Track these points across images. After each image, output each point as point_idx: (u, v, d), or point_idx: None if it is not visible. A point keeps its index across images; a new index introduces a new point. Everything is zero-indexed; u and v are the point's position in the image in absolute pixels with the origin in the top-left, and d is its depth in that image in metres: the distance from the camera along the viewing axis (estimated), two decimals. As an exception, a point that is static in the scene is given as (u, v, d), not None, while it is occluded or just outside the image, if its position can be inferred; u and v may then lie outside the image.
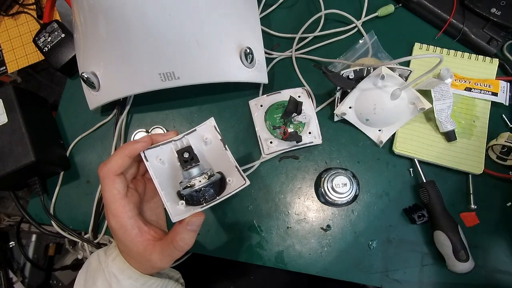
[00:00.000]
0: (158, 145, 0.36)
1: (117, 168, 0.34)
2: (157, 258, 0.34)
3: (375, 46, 0.55)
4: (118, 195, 0.34)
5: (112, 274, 0.35)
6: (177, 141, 0.37)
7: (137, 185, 0.38)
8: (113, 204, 0.33)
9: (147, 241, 0.34)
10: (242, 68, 0.49)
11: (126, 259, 0.36)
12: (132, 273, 0.35)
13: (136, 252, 0.34)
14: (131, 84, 0.48)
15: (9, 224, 0.84)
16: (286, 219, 0.50)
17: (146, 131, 0.52)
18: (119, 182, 0.34)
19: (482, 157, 0.48)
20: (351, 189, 0.47)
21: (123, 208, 0.34)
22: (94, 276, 0.36)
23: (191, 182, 0.35)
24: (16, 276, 0.87)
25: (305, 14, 0.57)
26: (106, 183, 0.34)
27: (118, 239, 0.35)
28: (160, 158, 0.37)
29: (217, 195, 0.36)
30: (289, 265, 0.48)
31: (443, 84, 0.48)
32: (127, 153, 0.34)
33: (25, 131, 0.48)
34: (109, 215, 0.34)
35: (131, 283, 0.35)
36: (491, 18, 0.51)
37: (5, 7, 0.66)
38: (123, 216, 0.33)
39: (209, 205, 0.34)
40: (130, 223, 0.34)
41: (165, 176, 0.37)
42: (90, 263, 0.38)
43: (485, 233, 0.47)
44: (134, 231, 0.34)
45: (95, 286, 0.35)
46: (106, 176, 0.34)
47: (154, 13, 0.43)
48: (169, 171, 0.38)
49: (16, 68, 0.64)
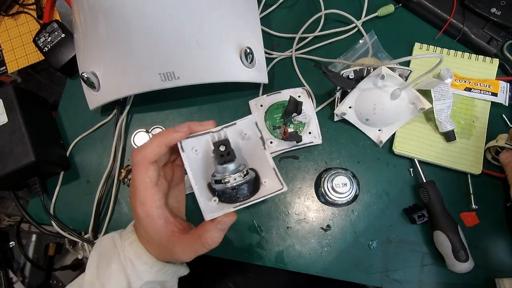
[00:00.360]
0: (195, 135, 0.35)
1: (152, 156, 0.33)
2: (181, 251, 0.34)
3: (375, 46, 0.55)
4: (149, 183, 0.33)
5: (128, 259, 0.35)
6: (214, 133, 0.36)
7: (166, 172, 0.37)
8: (143, 192, 0.33)
9: (171, 232, 0.34)
10: (242, 68, 0.49)
11: (144, 245, 0.36)
12: (148, 259, 0.35)
13: (159, 242, 0.34)
14: (131, 84, 0.48)
15: (9, 224, 0.84)
16: (286, 219, 0.50)
17: (146, 131, 0.52)
18: (153, 170, 0.33)
19: (481, 157, 0.48)
20: (351, 189, 0.47)
21: (152, 197, 0.33)
22: (108, 259, 0.36)
23: (226, 178, 0.33)
24: (16, 276, 0.87)
25: (305, 14, 0.57)
26: (140, 170, 0.33)
27: (141, 226, 0.34)
28: (196, 149, 0.35)
29: (250, 194, 0.34)
30: (289, 265, 0.48)
31: (443, 84, 0.48)
32: (165, 142, 0.33)
33: (25, 131, 0.48)
34: (137, 202, 0.33)
35: (146, 269, 0.35)
36: (491, 18, 0.51)
37: (5, 7, 0.66)
38: (151, 205, 0.33)
39: (242, 205, 0.33)
40: (157, 213, 0.33)
41: (197, 167, 0.35)
42: (103, 245, 0.38)
43: (485, 233, 0.47)
44: (160, 221, 0.33)
45: (109, 269, 0.35)
46: (140, 162, 0.33)
47: (154, 13, 0.43)
48: (202, 162, 0.36)
49: (16, 68, 0.64)
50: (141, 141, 0.52)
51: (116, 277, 0.34)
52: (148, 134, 0.52)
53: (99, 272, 0.35)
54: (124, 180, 0.51)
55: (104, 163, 0.54)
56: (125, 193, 0.53)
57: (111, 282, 0.34)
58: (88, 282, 0.35)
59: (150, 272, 0.35)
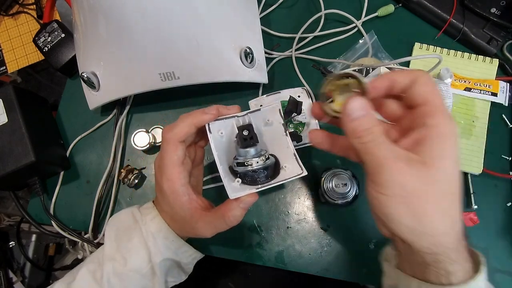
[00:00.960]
0: (222, 118, 0.36)
1: (182, 135, 0.34)
2: (203, 226, 0.35)
3: (375, 46, 0.55)
4: (177, 161, 0.34)
5: (149, 233, 0.36)
6: (239, 118, 0.37)
7: (190, 152, 0.39)
8: (170, 169, 0.34)
9: (194, 209, 0.35)
10: (242, 68, 0.49)
11: (166, 220, 0.37)
12: (169, 234, 0.37)
13: (183, 217, 0.35)
14: (131, 84, 0.48)
15: (9, 224, 0.84)
16: (286, 219, 0.50)
17: (146, 131, 0.52)
18: (181, 149, 0.35)
19: (481, 157, 0.48)
20: (351, 189, 0.47)
21: (179, 174, 0.34)
22: (129, 234, 0.37)
23: (249, 161, 0.35)
24: (16, 276, 0.87)
25: (305, 14, 0.57)
26: (169, 148, 0.34)
27: (166, 202, 0.35)
28: (222, 132, 0.37)
29: (270, 178, 0.36)
30: (289, 265, 0.48)
31: (443, 84, 0.48)
32: (195, 122, 0.34)
33: (25, 131, 0.48)
34: (163, 179, 0.34)
35: (167, 244, 0.36)
36: (491, 18, 0.51)
37: (5, 7, 0.66)
38: (177, 182, 0.34)
39: (264, 187, 0.34)
40: (182, 190, 0.34)
41: (221, 149, 0.37)
42: (121, 220, 0.39)
43: (485, 233, 0.47)
44: (184, 197, 0.34)
45: (131, 243, 0.36)
46: (171, 140, 0.34)
47: (154, 13, 0.43)
48: (225, 145, 0.38)
49: (16, 68, 0.64)
50: (141, 141, 0.52)
51: (138, 250, 0.36)
52: (148, 134, 0.52)
53: (120, 246, 0.37)
54: (124, 180, 0.51)
55: (104, 163, 0.54)
56: (125, 193, 0.53)
57: (132, 255, 0.36)
58: (108, 255, 0.37)
59: (170, 248, 0.37)
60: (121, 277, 0.36)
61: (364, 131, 0.27)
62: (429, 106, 0.27)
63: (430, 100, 0.27)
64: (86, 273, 0.37)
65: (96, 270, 0.37)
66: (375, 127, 0.27)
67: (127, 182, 0.51)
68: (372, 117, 0.27)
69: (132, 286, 0.36)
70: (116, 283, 0.35)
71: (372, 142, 0.27)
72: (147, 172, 0.54)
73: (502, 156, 0.50)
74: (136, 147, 0.52)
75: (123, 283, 0.36)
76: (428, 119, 0.26)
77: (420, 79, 0.27)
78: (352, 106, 0.27)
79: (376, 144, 0.26)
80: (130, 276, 0.36)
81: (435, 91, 0.27)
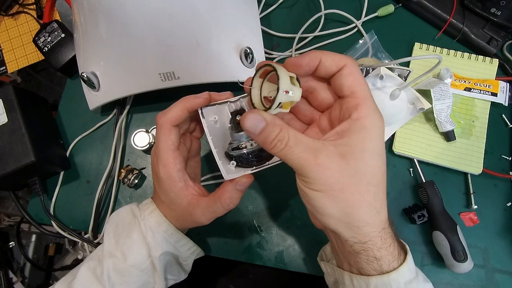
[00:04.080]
0: (215, 103, 0.36)
1: (175, 119, 0.34)
2: (200, 213, 0.35)
3: (375, 46, 0.55)
4: (172, 145, 0.34)
5: (148, 227, 0.36)
6: (232, 103, 0.37)
7: (185, 141, 0.39)
8: (165, 153, 0.34)
9: (191, 195, 0.35)
10: (242, 68, 0.49)
11: (164, 211, 0.37)
12: (168, 227, 0.36)
13: (180, 205, 0.35)
14: (131, 84, 0.48)
15: (9, 224, 0.84)
16: (286, 219, 0.50)
17: (146, 131, 0.52)
18: (175, 134, 0.34)
19: (481, 157, 0.48)
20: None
21: (174, 159, 0.34)
22: (128, 229, 0.37)
23: (243, 144, 0.35)
24: (16, 276, 0.87)
25: (305, 14, 0.57)
26: (163, 132, 0.34)
27: (163, 190, 0.35)
28: (215, 117, 0.37)
29: (265, 160, 0.36)
30: (289, 265, 0.48)
31: (443, 84, 0.48)
32: (187, 106, 0.34)
33: (25, 131, 0.48)
34: (159, 164, 0.34)
35: (165, 237, 0.36)
36: (491, 18, 0.51)
37: (5, 7, 0.66)
38: (172, 168, 0.34)
39: (259, 168, 0.35)
40: (178, 175, 0.34)
41: (216, 135, 0.36)
42: (121, 217, 0.39)
43: (485, 233, 0.47)
44: (180, 183, 0.34)
45: (130, 239, 0.36)
46: (164, 125, 0.34)
47: (154, 13, 0.43)
48: (220, 131, 0.38)
49: (16, 68, 0.64)
50: (141, 141, 0.52)
51: (137, 246, 0.36)
52: (148, 134, 0.52)
53: (119, 242, 0.36)
54: (124, 180, 0.51)
55: (104, 163, 0.54)
56: (125, 193, 0.53)
57: (132, 251, 0.36)
58: (108, 252, 0.36)
59: (169, 242, 0.37)
60: (121, 273, 0.36)
61: (273, 141, 0.27)
62: (355, 98, 0.27)
63: (355, 91, 0.27)
64: (87, 270, 0.37)
65: (96, 267, 0.37)
66: (282, 132, 0.27)
67: (127, 182, 0.51)
68: (273, 124, 0.27)
69: (132, 281, 0.36)
70: (117, 280, 0.35)
71: (286, 148, 0.27)
72: (147, 172, 0.54)
73: (502, 156, 0.50)
74: (136, 147, 0.52)
75: (124, 279, 0.36)
76: (354, 112, 0.27)
77: (346, 69, 0.27)
78: (248, 124, 0.28)
79: (290, 148, 0.27)
80: (130, 272, 0.36)
81: (361, 81, 0.28)
